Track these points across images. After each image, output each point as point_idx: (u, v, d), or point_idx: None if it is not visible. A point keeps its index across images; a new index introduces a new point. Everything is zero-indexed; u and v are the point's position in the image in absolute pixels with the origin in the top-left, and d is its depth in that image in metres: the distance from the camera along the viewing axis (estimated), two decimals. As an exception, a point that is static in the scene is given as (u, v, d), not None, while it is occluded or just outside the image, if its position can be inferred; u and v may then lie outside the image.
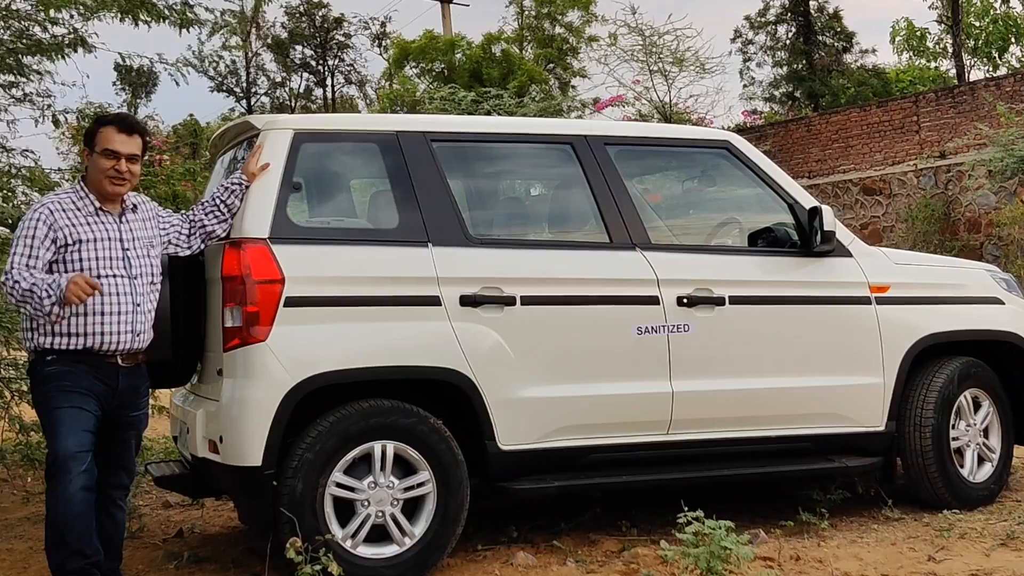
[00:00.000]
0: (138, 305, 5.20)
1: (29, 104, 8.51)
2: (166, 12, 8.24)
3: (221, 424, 5.48)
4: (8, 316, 7.95)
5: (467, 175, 6.60)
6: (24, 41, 8.26)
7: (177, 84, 9.31)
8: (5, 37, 8.26)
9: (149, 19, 8.23)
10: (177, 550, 6.45)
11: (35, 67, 8.51)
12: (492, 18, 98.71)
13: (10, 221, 8.05)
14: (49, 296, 4.87)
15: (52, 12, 8.05)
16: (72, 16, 8.21)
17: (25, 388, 7.71)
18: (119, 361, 5.17)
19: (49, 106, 8.57)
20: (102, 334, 5.08)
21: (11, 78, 8.37)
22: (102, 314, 5.08)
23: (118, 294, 5.13)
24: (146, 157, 5.65)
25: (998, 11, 39.29)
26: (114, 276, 5.14)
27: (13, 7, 8.18)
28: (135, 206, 5.41)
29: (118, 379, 5.18)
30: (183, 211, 5.83)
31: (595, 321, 6.09)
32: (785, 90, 44.20)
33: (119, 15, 8.13)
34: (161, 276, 5.44)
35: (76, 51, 8.32)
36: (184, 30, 8.45)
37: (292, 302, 5.46)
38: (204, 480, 5.91)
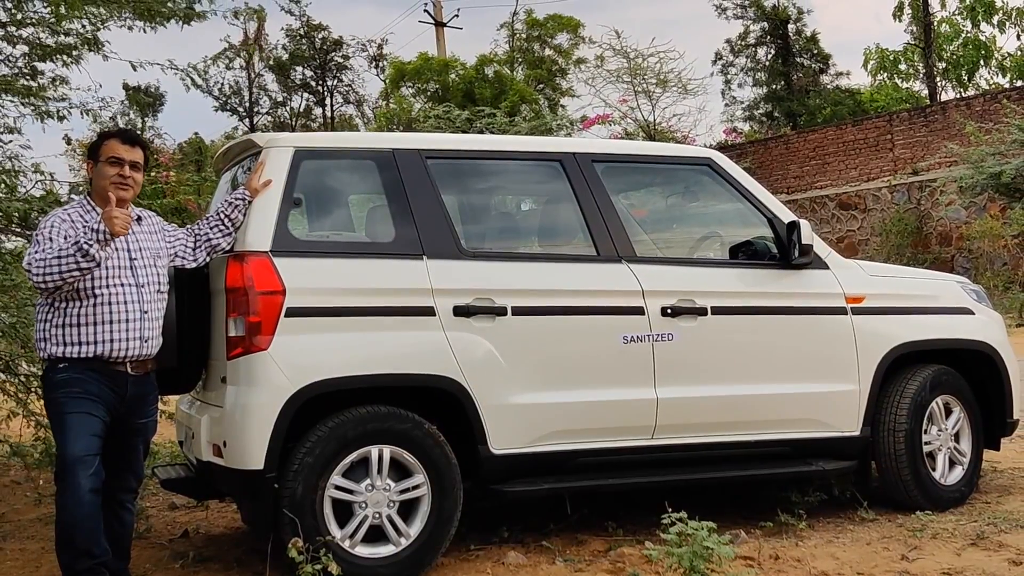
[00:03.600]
0: (145, 312, 5.20)
1: (45, 116, 8.49)
2: (171, 10, 8.22)
3: (225, 429, 5.47)
4: (25, 316, 7.99)
5: (460, 191, 6.62)
6: (38, 50, 8.26)
7: (188, 89, 9.28)
8: (18, 48, 8.27)
9: (155, 23, 8.22)
10: (183, 550, 6.45)
11: (49, 73, 8.53)
12: (484, 40, 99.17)
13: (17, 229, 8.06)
14: (88, 243, 4.87)
15: (64, 23, 8.06)
16: (84, 26, 8.22)
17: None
18: (128, 369, 5.17)
19: (63, 118, 8.57)
20: (111, 341, 5.08)
21: (28, 83, 8.34)
22: (110, 322, 5.08)
23: (126, 302, 5.13)
24: (152, 173, 5.67)
25: (968, 34, 39.47)
26: (121, 285, 5.13)
27: (27, 18, 8.17)
28: (139, 218, 5.41)
29: (127, 386, 5.17)
30: (188, 225, 5.83)
31: (583, 330, 6.10)
32: (764, 110, 44.33)
33: (128, 23, 8.14)
34: (168, 286, 5.45)
35: (91, 51, 8.31)
36: (187, 24, 8.42)
37: (293, 312, 5.47)
38: (208, 483, 5.91)
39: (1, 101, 8.39)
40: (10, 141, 8.52)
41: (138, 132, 6.91)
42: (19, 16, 8.12)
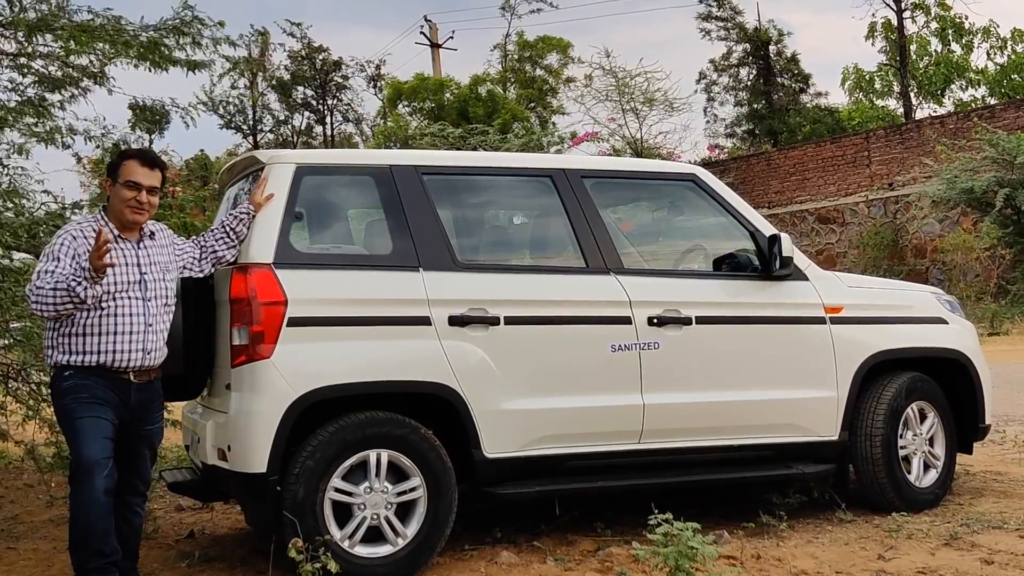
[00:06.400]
0: (150, 325, 5.18)
1: (51, 141, 8.46)
2: (176, 54, 8.17)
3: (229, 434, 5.47)
4: (36, 329, 7.98)
5: (455, 205, 6.62)
6: (48, 83, 8.24)
7: (187, 126, 9.22)
8: (28, 80, 8.25)
9: (161, 62, 8.18)
10: (189, 550, 6.44)
11: (57, 103, 8.49)
12: (478, 61, 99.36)
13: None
14: (78, 283, 4.84)
15: (72, 57, 8.05)
16: (91, 61, 8.21)
17: None
18: (131, 378, 5.16)
19: (68, 145, 8.55)
20: (114, 352, 5.06)
21: (33, 120, 8.32)
22: (114, 334, 5.07)
23: (131, 315, 5.12)
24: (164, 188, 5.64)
25: (939, 52, 39.65)
26: (129, 298, 5.12)
27: (39, 50, 8.16)
28: (153, 233, 5.40)
29: (130, 394, 5.16)
30: (194, 237, 5.83)
31: (572, 339, 6.11)
32: (746, 127, 44.40)
33: (135, 60, 8.10)
34: (176, 299, 5.44)
35: (99, 85, 8.30)
36: (192, 72, 8.40)
37: (294, 322, 5.47)
38: (213, 485, 5.91)
39: (9, 129, 8.35)
40: (19, 167, 8.49)
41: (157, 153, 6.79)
42: (28, 48, 8.10)
